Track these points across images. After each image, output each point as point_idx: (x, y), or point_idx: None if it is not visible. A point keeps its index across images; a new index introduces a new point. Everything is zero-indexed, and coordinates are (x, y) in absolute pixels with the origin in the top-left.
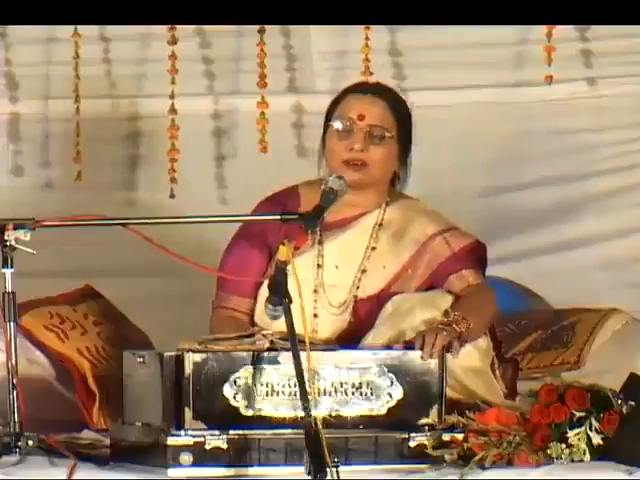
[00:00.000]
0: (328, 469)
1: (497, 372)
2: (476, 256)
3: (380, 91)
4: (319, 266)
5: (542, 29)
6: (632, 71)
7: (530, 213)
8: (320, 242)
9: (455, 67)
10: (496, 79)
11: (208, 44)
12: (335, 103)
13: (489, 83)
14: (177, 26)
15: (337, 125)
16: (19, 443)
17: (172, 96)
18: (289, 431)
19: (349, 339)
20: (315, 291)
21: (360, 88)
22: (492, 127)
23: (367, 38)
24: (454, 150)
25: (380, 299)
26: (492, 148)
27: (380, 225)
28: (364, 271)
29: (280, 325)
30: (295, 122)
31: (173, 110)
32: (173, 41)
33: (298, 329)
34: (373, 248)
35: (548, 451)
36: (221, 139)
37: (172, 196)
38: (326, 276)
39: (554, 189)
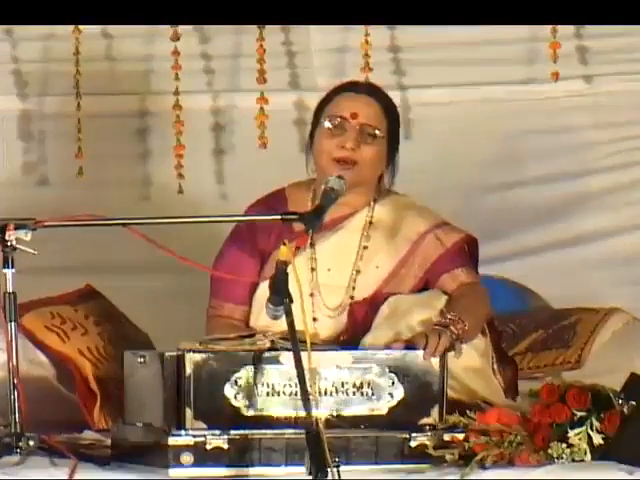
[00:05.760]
0: (329, 469)
1: (495, 366)
2: (468, 252)
3: (372, 91)
4: (313, 269)
5: (541, 27)
6: (628, 69)
7: (530, 211)
8: (312, 244)
9: (454, 65)
10: (494, 77)
11: (208, 40)
12: (325, 102)
13: (487, 81)
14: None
15: (328, 124)
16: (20, 443)
17: (176, 92)
18: (290, 431)
19: (347, 342)
20: (311, 294)
21: (352, 87)
22: (490, 125)
23: (367, 34)
24: (453, 148)
25: (375, 301)
26: (491, 146)
27: (370, 223)
28: (358, 272)
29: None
30: (296, 119)
31: (178, 106)
32: (176, 37)
33: (298, 329)
34: (365, 247)
35: (549, 451)
36: (222, 135)
37: (180, 192)
38: (320, 279)
39: (553, 187)
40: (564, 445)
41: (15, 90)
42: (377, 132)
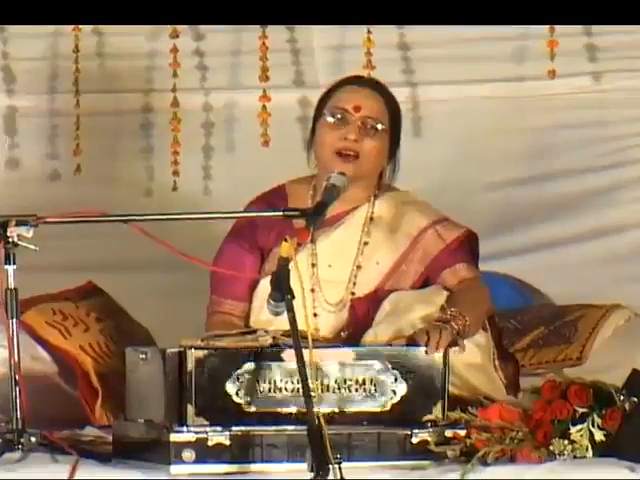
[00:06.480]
0: (330, 466)
1: (496, 363)
2: (468, 247)
3: (375, 85)
4: (313, 265)
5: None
6: (636, 66)
7: (533, 208)
8: (312, 240)
9: (459, 61)
10: (499, 74)
11: (209, 38)
12: (327, 96)
13: (492, 77)
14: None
15: (331, 116)
16: (22, 440)
17: (174, 89)
18: (292, 427)
19: (348, 338)
20: (312, 290)
21: (355, 81)
22: (495, 122)
23: (369, 32)
24: (458, 144)
25: (376, 297)
26: (495, 143)
27: (371, 219)
28: (359, 267)
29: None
30: (299, 116)
31: (176, 103)
32: (175, 35)
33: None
34: (365, 243)
35: (551, 447)
36: (224, 133)
37: (175, 189)
38: (321, 274)
39: (557, 184)
40: (566, 441)
41: (4, 87)
42: (379, 126)
